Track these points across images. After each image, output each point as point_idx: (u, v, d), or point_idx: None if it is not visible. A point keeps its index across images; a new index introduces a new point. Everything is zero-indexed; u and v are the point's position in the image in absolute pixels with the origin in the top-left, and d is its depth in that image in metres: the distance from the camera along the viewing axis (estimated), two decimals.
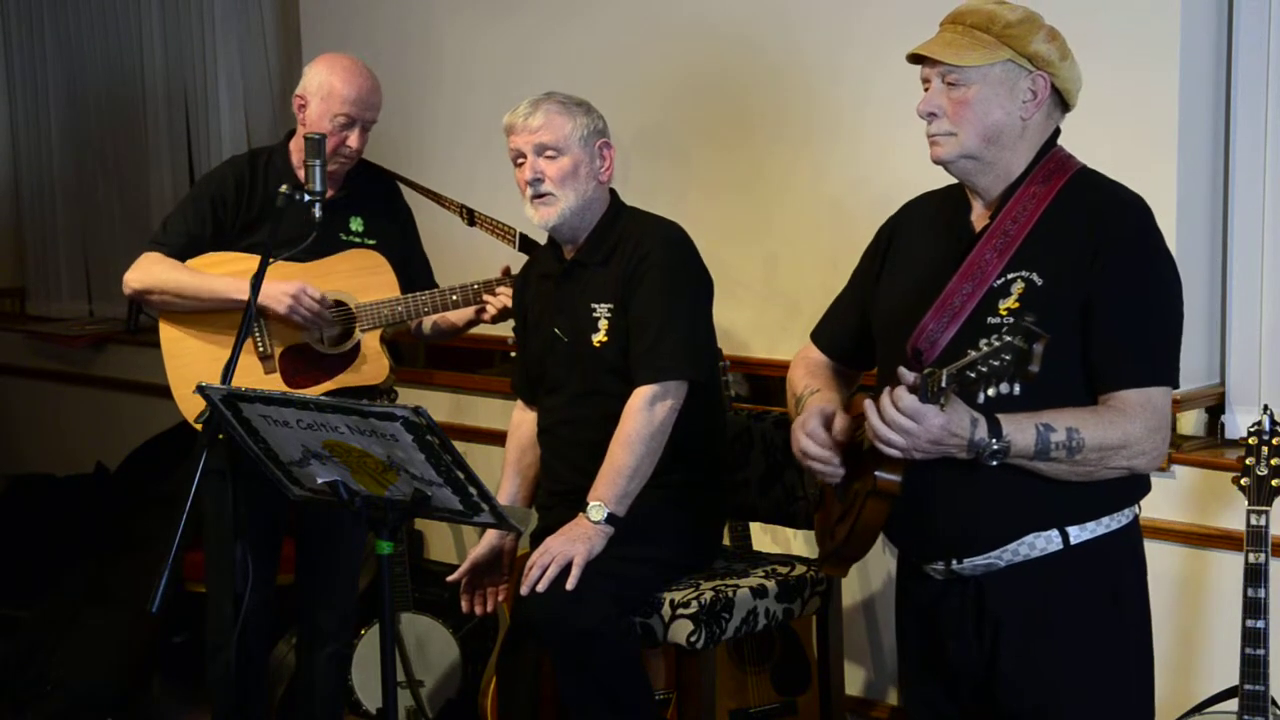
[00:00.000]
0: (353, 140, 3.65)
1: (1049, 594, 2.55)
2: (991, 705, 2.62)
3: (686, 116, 4.26)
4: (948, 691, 2.69)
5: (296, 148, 3.71)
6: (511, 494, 3.63)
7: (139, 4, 5.93)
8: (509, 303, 3.67)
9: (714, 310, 3.53)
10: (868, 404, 2.46)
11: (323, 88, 3.65)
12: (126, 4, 5.97)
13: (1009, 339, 2.25)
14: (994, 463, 2.43)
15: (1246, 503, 3.06)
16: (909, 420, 2.39)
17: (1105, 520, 2.56)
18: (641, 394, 3.33)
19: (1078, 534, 2.55)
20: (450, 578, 3.56)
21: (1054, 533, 2.54)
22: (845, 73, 3.95)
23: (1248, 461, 3.08)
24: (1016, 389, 2.28)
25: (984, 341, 2.29)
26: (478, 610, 3.58)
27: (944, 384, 2.35)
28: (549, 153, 3.38)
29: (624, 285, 3.40)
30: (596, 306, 3.43)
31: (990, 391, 2.29)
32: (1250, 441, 3.09)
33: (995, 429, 2.42)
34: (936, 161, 2.61)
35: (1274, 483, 3.04)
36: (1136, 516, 2.63)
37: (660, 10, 4.29)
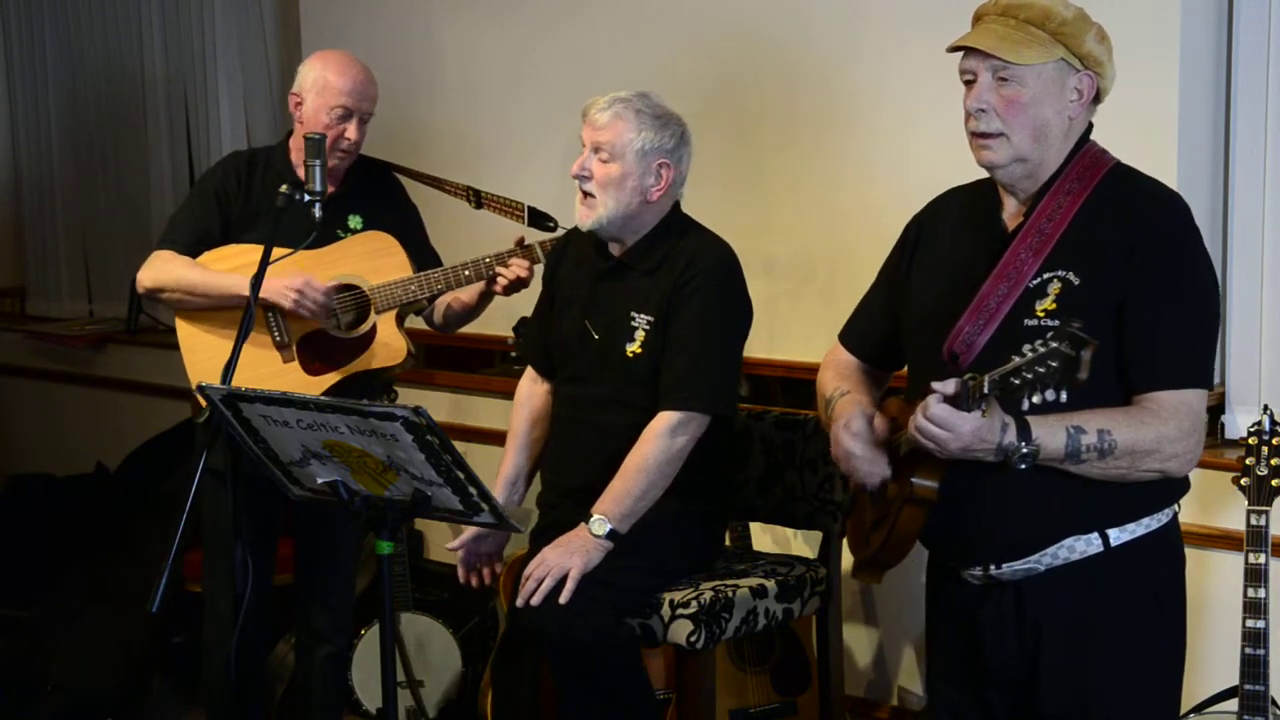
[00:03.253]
0: (351, 132, 3.64)
1: (1090, 597, 2.53)
2: (1030, 710, 2.59)
3: (691, 114, 4.23)
4: (978, 696, 2.66)
5: (295, 147, 3.70)
6: (518, 467, 3.60)
7: (139, 4, 5.92)
8: (522, 273, 3.62)
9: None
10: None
11: (317, 82, 3.64)
12: (126, 4, 5.97)
13: (1055, 345, 2.22)
14: (1023, 466, 2.40)
15: (1246, 503, 3.06)
16: (938, 429, 2.37)
17: (1145, 521, 2.54)
18: (664, 419, 3.31)
19: (1118, 536, 2.52)
20: (450, 545, 3.58)
21: (1094, 535, 2.51)
22: (855, 74, 3.93)
23: (1248, 461, 3.08)
24: (1064, 396, 2.25)
25: (1027, 347, 2.26)
26: (473, 582, 3.57)
27: (986, 391, 2.32)
28: (602, 155, 3.35)
29: (668, 301, 3.36)
30: (636, 316, 3.39)
31: (1035, 399, 2.26)
32: (1250, 441, 3.10)
33: (1025, 433, 2.39)
34: (986, 165, 2.55)
35: (1274, 483, 3.04)
36: (1175, 515, 2.60)
37: (664, 6, 4.29)
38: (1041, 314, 2.47)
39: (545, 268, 3.63)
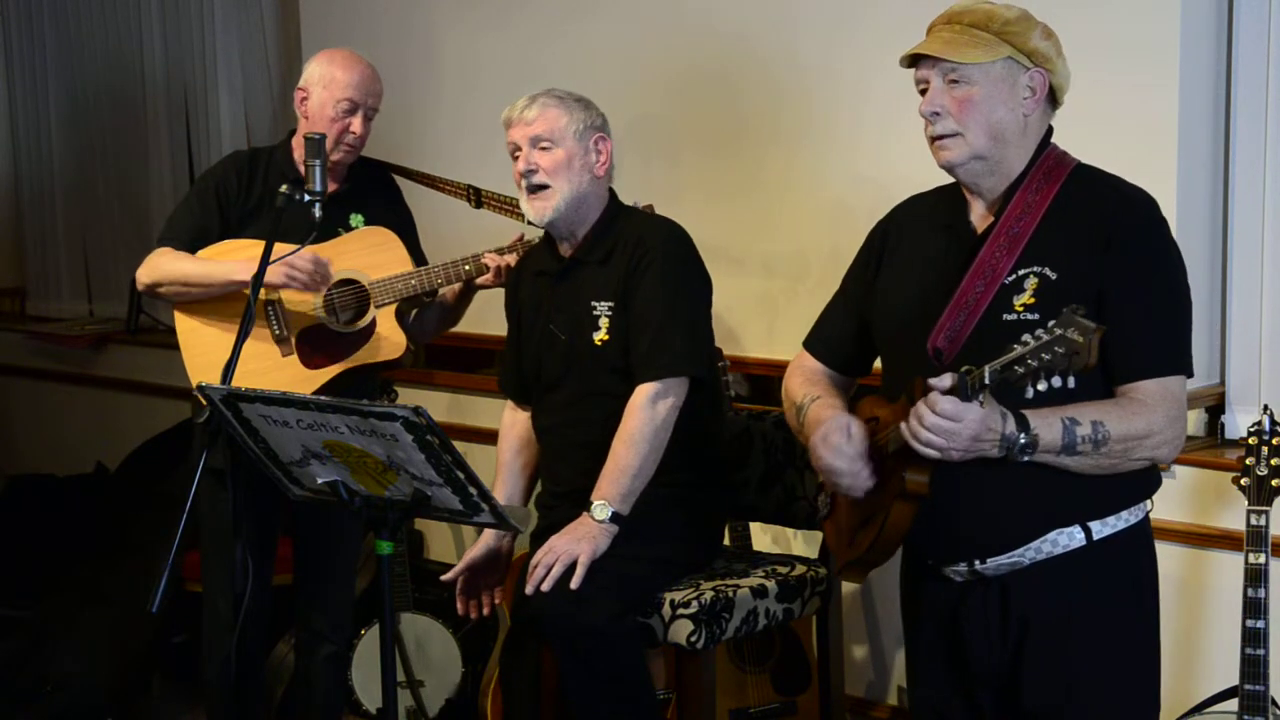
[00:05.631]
0: (356, 126, 3.65)
1: (1074, 590, 2.56)
2: (1013, 705, 2.61)
3: (684, 118, 4.26)
4: (962, 693, 2.68)
5: (298, 144, 3.71)
6: (508, 497, 3.61)
7: (139, 4, 5.93)
8: (514, 264, 3.65)
9: (712, 310, 3.52)
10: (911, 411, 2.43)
11: (324, 77, 3.66)
12: (126, 4, 5.97)
13: (1060, 332, 2.25)
14: (1024, 458, 2.43)
15: (1246, 503, 3.06)
16: (949, 422, 2.38)
17: (1124, 514, 2.58)
18: (643, 391, 3.33)
19: (1099, 529, 2.55)
20: (445, 577, 3.55)
21: (1076, 529, 2.54)
22: (843, 73, 3.95)
23: (1248, 461, 3.08)
24: (1071, 382, 2.28)
25: (1028, 336, 2.29)
26: (473, 614, 3.58)
27: (986, 381, 2.34)
28: (543, 144, 3.40)
29: (624, 283, 3.39)
30: (597, 305, 3.42)
31: (1041, 386, 2.29)
32: (1250, 441, 3.10)
33: (1023, 423, 2.43)
34: (945, 165, 2.60)
35: (1274, 483, 3.04)
36: (1148, 511, 2.64)
37: (660, 12, 4.29)
38: (1020, 308, 2.51)
39: (506, 296, 3.65)
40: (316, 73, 3.68)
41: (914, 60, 2.61)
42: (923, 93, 2.61)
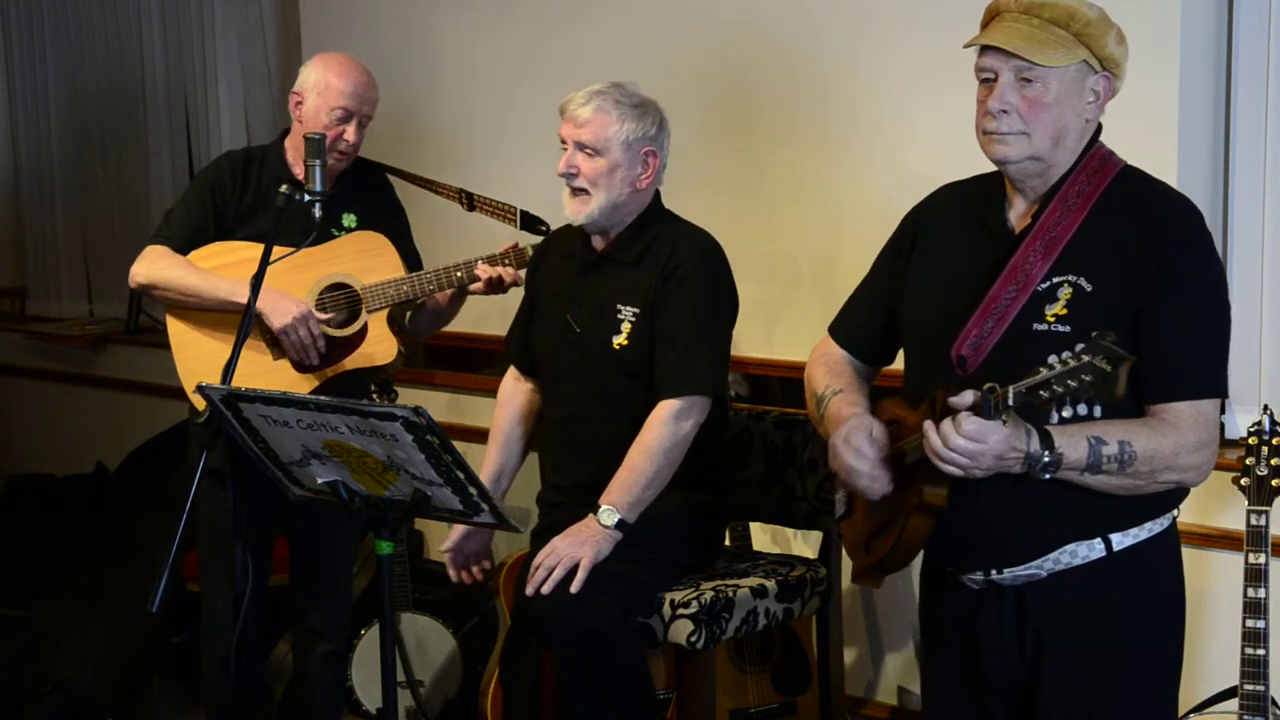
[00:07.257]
0: (349, 134, 3.64)
1: (1093, 601, 2.50)
2: (1030, 715, 2.56)
3: (692, 115, 4.24)
4: (976, 702, 2.63)
5: (292, 145, 3.71)
6: (501, 464, 3.61)
7: (139, 4, 5.93)
8: (506, 276, 3.64)
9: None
10: (927, 425, 2.36)
11: (319, 83, 3.65)
12: (126, 4, 5.98)
13: (1088, 359, 2.17)
14: (1046, 476, 2.36)
15: (1246, 503, 3.06)
16: (974, 443, 2.31)
17: (1148, 525, 2.51)
18: (667, 407, 3.32)
19: (1120, 540, 2.49)
20: (443, 546, 3.58)
21: (1096, 540, 2.48)
22: (858, 70, 3.93)
23: (1248, 461, 3.08)
24: (1098, 411, 2.22)
25: (1054, 359, 2.21)
26: (464, 579, 3.58)
27: (1010, 402, 2.27)
28: (588, 150, 3.37)
29: (654, 292, 3.37)
30: (622, 308, 3.41)
31: (1066, 413, 2.22)
32: (1250, 441, 3.10)
33: (1047, 441, 2.35)
34: (999, 160, 2.50)
35: (1274, 483, 3.04)
36: (1175, 519, 2.58)
37: (663, 8, 4.29)
38: (1052, 319, 2.43)
39: (530, 263, 3.65)
40: (312, 78, 3.67)
41: (984, 44, 2.47)
42: (984, 81, 2.49)
